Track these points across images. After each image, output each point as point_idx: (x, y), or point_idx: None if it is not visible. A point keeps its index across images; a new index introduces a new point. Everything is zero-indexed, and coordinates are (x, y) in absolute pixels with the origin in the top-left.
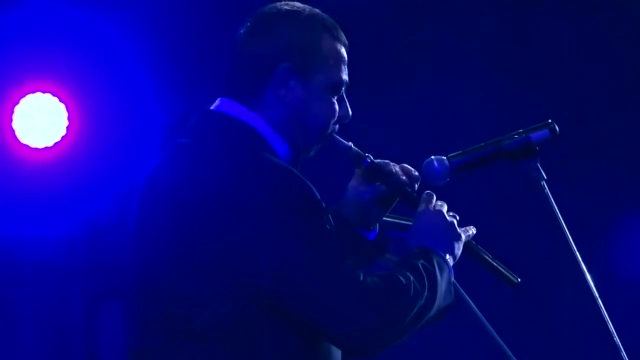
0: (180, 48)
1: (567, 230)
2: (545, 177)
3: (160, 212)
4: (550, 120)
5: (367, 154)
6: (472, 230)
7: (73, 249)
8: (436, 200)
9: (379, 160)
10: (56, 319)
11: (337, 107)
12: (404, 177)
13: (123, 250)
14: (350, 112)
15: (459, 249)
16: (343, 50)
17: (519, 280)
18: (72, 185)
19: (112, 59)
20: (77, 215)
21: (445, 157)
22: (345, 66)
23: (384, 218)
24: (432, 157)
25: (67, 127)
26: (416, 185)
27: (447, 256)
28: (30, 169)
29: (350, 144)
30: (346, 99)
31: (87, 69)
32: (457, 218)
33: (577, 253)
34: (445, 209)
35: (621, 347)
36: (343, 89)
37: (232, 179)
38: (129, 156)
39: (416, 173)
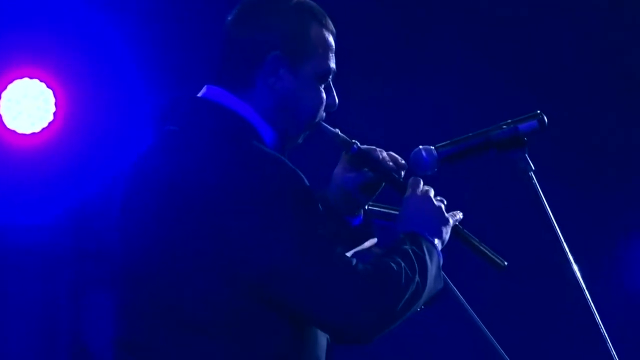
0: (170, 35)
1: (554, 221)
2: (533, 167)
3: (149, 201)
4: (538, 111)
5: (354, 140)
6: (459, 215)
7: (60, 236)
8: (423, 185)
9: (365, 146)
10: (43, 306)
11: (324, 95)
12: (390, 163)
13: (110, 237)
14: (337, 101)
15: (447, 233)
16: (331, 39)
17: (506, 263)
18: (59, 171)
19: (100, 45)
20: (65, 201)
21: (433, 147)
22: (333, 54)
23: (371, 207)
24: (420, 146)
25: (55, 113)
26: (403, 173)
27: (436, 241)
28: (17, 155)
29: (337, 130)
30: (333, 87)
31: (74, 55)
32: (445, 202)
33: (564, 243)
34: (432, 193)
35: (607, 338)
36: (331, 77)
37: (221, 168)
38: (116, 143)
39: (403, 161)
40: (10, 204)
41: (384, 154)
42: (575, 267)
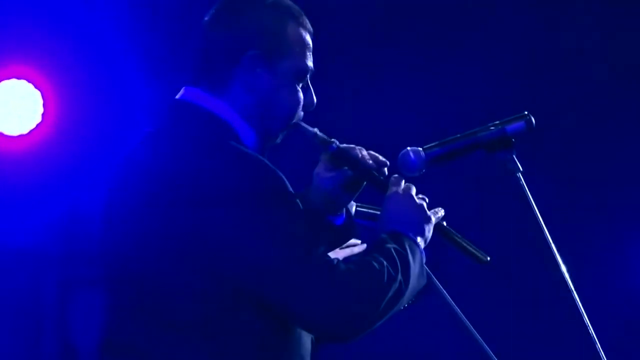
0: (160, 36)
1: (542, 222)
2: (521, 168)
3: (131, 203)
4: (526, 112)
5: (332, 139)
6: (441, 212)
7: (48, 237)
8: (404, 183)
9: (344, 145)
10: (31, 307)
11: (302, 94)
12: (370, 162)
13: (96, 238)
14: (315, 100)
15: (429, 231)
16: (308, 37)
17: (489, 258)
18: (47, 173)
19: (88, 45)
20: (53, 203)
21: (421, 148)
22: (311, 53)
23: (357, 208)
24: (408, 148)
25: (43, 115)
26: (385, 170)
27: (419, 239)
28: (5, 157)
29: (316, 130)
30: (311, 86)
31: (63, 56)
32: (427, 200)
33: (552, 243)
34: (413, 191)
35: (594, 335)
36: (308, 76)
37: (201, 169)
38: (104, 144)
39: (383, 159)
40: None
41: (364, 152)
42: (562, 267)
